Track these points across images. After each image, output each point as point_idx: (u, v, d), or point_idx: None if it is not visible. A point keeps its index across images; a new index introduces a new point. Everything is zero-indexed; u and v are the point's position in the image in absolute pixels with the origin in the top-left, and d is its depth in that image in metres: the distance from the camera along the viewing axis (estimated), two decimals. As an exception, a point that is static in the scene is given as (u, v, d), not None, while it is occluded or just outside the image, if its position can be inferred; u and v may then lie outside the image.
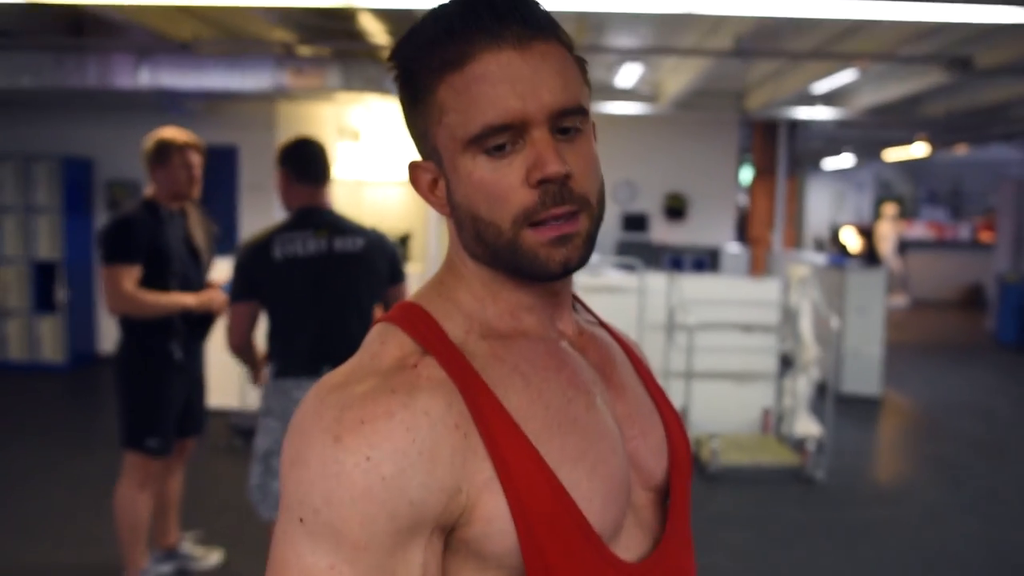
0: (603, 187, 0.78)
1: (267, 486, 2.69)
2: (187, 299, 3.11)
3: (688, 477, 0.86)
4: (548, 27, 0.75)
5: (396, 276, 2.84)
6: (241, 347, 2.78)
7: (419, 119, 0.77)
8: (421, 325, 0.75)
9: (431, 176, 0.79)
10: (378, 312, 2.84)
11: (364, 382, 0.69)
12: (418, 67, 0.75)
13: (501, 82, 0.71)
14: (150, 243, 3.03)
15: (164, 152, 3.10)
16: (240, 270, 2.70)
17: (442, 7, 0.75)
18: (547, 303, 0.80)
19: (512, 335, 0.78)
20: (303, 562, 0.65)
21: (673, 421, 0.87)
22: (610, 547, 0.74)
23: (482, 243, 0.76)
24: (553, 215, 0.72)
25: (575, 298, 0.89)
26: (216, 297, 3.21)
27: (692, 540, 0.86)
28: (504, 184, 0.72)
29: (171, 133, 3.15)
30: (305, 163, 2.73)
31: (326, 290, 2.68)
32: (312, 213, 2.72)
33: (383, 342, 0.74)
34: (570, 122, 0.74)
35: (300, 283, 2.66)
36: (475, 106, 0.72)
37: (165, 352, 3.11)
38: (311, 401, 0.70)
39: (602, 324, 0.92)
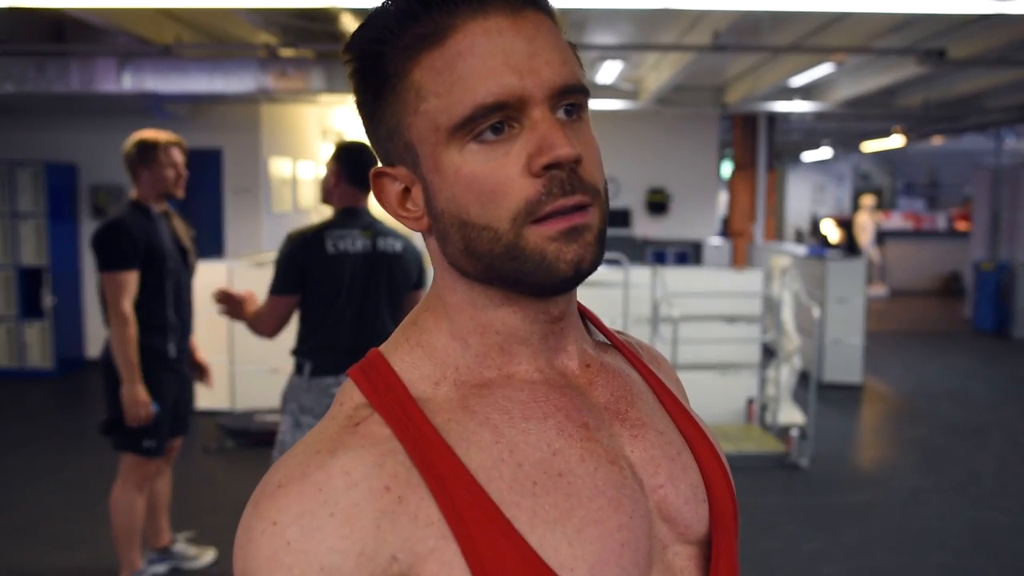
0: (607, 182, 0.68)
1: None
2: (141, 394, 2.99)
3: (733, 529, 0.73)
4: None
5: (419, 282, 2.93)
6: (274, 334, 2.80)
7: (387, 113, 0.66)
8: (376, 377, 0.66)
9: (401, 185, 0.68)
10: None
11: (304, 443, 0.63)
12: (386, 49, 0.64)
13: (492, 55, 0.61)
14: (146, 244, 3.05)
15: (149, 151, 3.10)
16: (289, 261, 2.72)
17: None
18: (546, 332, 0.69)
19: (496, 380, 0.67)
20: None
21: (710, 459, 0.74)
22: None
23: (473, 255, 0.65)
24: (561, 207, 0.62)
25: (584, 312, 0.77)
26: (146, 408, 3.04)
27: None
28: (500, 175, 0.62)
29: (152, 133, 3.16)
30: (360, 167, 2.79)
31: (370, 288, 2.75)
32: (357, 213, 2.81)
33: (341, 402, 0.66)
34: (574, 100, 0.64)
35: (347, 279, 2.72)
36: (462, 84, 0.61)
37: (159, 351, 3.11)
38: None
39: (616, 343, 0.79)
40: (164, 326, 3.13)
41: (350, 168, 2.79)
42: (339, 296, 2.72)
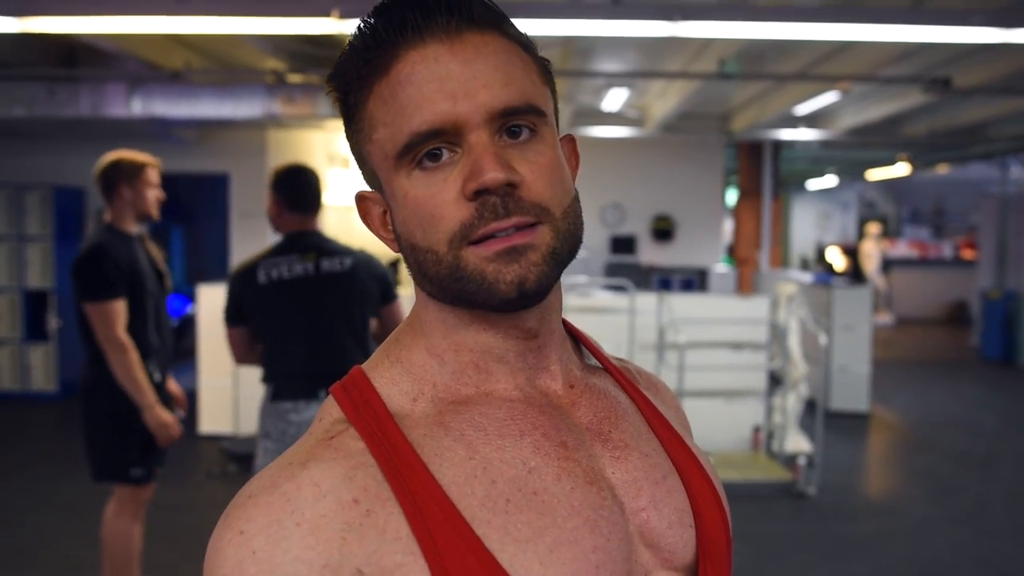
0: (575, 201, 0.67)
1: None
2: (164, 415, 2.94)
3: (725, 556, 0.73)
4: (485, 17, 0.65)
5: (388, 296, 2.86)
6: (245, 361, 2.86)
7: (354, 141, 0.68)
8: (356, 393, 0.66)
9: (381, 208, 0.69)
10: (375, 332, 2.88)
11: (281, 457, 0.64)
12: (349, 80, 0.66)
13: (428, 82, 0.62)
14: (130, 269, 2.95)
15: (135, 172, 3.01)
16: (229, 295, 2.75)
17: (371, 12, 0.66)
18: (522, 349, 0.68)
19: (473, 397, 0.67)
20: None
21: (700, 484, 0.72)
22: None
23: (426, 277, 0.66)
24: (495, 229, 0.61)
25: (577, 336, 0.77)
26: (174, 427, 3.00)
27: None
28: (438, 200, 0.62)
29: (131, 154, 3.06)
30: (298, 193, 2.77)
31: (316, 311, 2.69)
32: (300, 237, 2.76)
33: (321, 418, 0.67)
34: (520, 121, 0.64)
35: (287, 305, 2.69)
36: (401, 113, 0.62)
37: (145, 375, 2.98)
38: None
39: (608, 366, 0.78)
40: (148, 351, 3.03)
41: (289, 195, 2.76)
42: (281, 323, 2.70)
